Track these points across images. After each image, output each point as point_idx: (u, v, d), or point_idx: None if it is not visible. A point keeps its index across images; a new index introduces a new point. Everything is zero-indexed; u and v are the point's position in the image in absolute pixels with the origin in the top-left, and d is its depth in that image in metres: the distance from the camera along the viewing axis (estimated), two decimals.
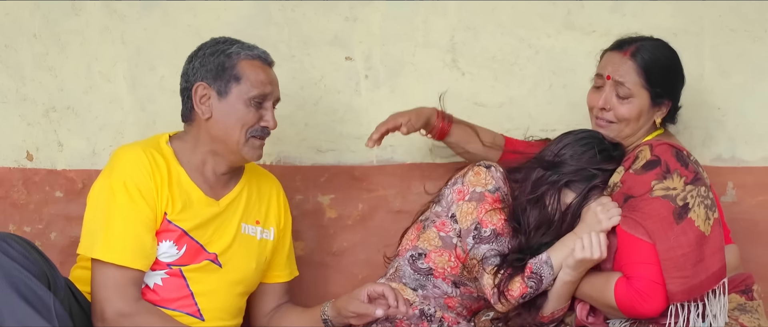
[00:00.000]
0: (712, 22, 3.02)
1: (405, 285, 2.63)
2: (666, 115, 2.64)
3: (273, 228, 2.69)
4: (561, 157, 2.54)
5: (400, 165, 3.07)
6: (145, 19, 3.02)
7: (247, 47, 2.52)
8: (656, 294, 2.37)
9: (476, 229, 2.53)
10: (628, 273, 2.40)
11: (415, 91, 3.06)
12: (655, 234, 2.38)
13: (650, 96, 2.59)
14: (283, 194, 2.76)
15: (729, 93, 3.04)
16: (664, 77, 2.60)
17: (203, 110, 2.49)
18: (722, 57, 3.03)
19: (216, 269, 2.53)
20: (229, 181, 2.60)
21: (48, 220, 2.97)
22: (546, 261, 2.47)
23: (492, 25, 3.05)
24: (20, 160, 2.99)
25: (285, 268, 2.74)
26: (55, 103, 3.01)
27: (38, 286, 2.13)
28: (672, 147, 2.50)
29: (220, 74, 2.48)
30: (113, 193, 2.40)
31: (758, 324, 2.48)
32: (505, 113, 3.04)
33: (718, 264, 2.41)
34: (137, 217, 2.41)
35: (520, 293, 2.47)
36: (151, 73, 3.02)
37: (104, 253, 2.37)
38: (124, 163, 2.45)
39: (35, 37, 2.99)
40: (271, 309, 2.72)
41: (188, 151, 2.53)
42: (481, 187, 2.57)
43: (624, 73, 2.58)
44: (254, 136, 2.51)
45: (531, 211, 2.52)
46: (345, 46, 3.06)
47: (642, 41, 2.62)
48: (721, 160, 3.04)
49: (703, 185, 2.45)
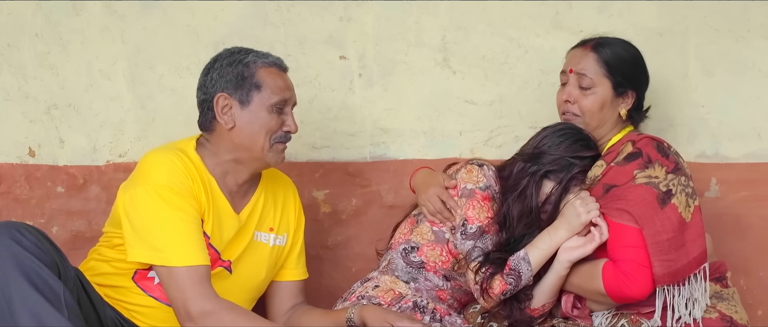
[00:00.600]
0: (697, 22, 3.03)
1: (397, 278, 2.65)
2: (632, 107, 2.64)
3: (286, 234, 2.68)
4: (540, 148, 2.56)
5: (392, 161, 3.08)
6: (145, 19, 3.01)
7: (262, 55, 2.52)
8: (642, 276, 2.39)
9: (463, 225, 2.56)
10: (615, 257, 2.43)
11: (407, 89, 3.08)
12: (642, 219, 2.41)
13: (612, 85, 2.60)
14: (298, 198, 2.75)
15: (713, 91, 3.04)
16: (625, 68, 2.61)
17: (226, 120, 2.47)
18: (706, 56, 3.04)
19: (227, 276, 2.53)
20: (247, 190, 2.59)
21: (50, 214, 2.97)
22: (523, 257, 2.49)
23: (482, 25, 3.05)
24: (23, 156, 2.98)
25: (296, 268, 2.72)
26: (57, 100, 3.00)
27: (49, 276, 2.13)
28: (653, 140, 2.53)
29: (240, 84, 2.47)
30: (162, 198, 2.37)
31: (736, 311, 2.52)
32: (495, 111, 3.06)
33: (699, 249, 2.44)
34: (190, 216, 2.40)
35: (501, 290, 2.49)
36: (151, 72, 3.02)
37: (177, 259, 2.35)
38: (161, 168, 2.42)
39: (37, 37, 2.99)
40: (287, 308, 2.70)
41: (212, 159, 2.52)
42: (472, 185, 2.58)
43: (585, 65, 2.61)
44: (278, 142, 2.51)
45: (513, 204, 2.53)
46: (339, 46, 3.06)
47: (605, 37, 2.67)
48: (705, 156, 3.05)
49: (684, 175, 2.47)
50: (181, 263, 2.34)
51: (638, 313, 2.48)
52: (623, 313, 2.50)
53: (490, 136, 3.09)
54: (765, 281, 3.04)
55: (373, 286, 2.65)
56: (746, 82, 3.04)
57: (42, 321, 2.08)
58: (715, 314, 2.49)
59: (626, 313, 2.49)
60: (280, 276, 2.70)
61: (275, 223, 2.65)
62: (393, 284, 2.64)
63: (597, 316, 2.53)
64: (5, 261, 2.11)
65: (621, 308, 2.50)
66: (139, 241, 2.38)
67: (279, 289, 2.70)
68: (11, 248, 2.12)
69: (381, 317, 2.46)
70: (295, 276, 2.72)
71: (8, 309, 2.09)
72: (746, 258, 3.02)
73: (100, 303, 2.41)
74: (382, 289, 2.63)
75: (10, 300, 2.09)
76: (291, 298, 2.71)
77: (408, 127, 3.09)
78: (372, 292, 2.63)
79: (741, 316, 2.52)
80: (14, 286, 2.10)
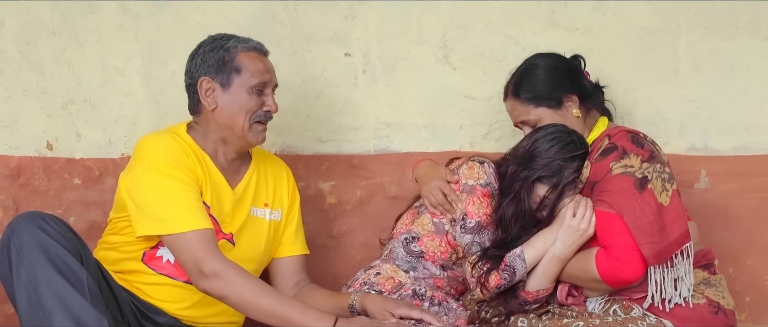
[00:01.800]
0: (688, 20, 3.03)
1: (398, 267, 2.66)
2: (581, 101, 2.66)
3: (281, 209, 2.71)
4: (532, 151, 2.55)
5: (395, 154, 3.08)
6: (157, 18, 3.02)
7: (242, 40, 2.56)
8: (634, 259, 2.40)
9: (463, 219, 2.56)
10: (606, 244, 2.45)
11: (409, 85, 3.08)
12: (621, 206, 2.43)
13: (548, 106, 2.65)
14: (291, 177, 2.78)
15: (703, 87, 3.04)
16: (545, 86, 2.66)
17: (209, 102, 2.54)
18: (697, 53, 3.04)
19: (230, 248, 2.57)
20: (239, 168, 2.64)
21: (67, 205, 2.98)
22: (519, 255, 2.49)
23: (482, 24, 3.04)
24: (41, 150, 2.99)
25: (294, 243, 2.74)
26: (74, 96, 3.01)
27: (73, 262, 2.17)
28: (628, 132, 2.55)
29: (221, 68, 2.52)
30: (160, 173, 2.42)
31: (722, 296, 2.54)
32: (493, 106, 3.04)
33: (680, 230, 2.45)
34: (189, 186, 2.44)
35: (495, 284, 2.50)
36: (163, 68, 3.03)
37: (182, 225, 2.38)
38: (156, 147, 2.47)
39: (54, 35, 2.99)
40: (292, 285, 2.72)
41: (202, 140, 2.58)
42: (473, 181, 2.58)
43: (519, 113, 2.68)
44: (257, 122, 2.55)
45: (508, 206, 2.53)
46: (344, 43, 3.06)
47: (516, 72, 2.71)
48: (695, 149, 3.05)
49: (659, 162, 2.48)
50: (188, 228, 2.38)
51: (630, 298, 2.50)
52: (615, 298, 2.52)
53: (489, 130, 3.10)
54: (752, 269, 3.06)
55: (375, 273, 2.67)
56: (735, 78, 3.04)
57: (66, 303, 2.13)
58: (703, 300, 2.50)
59: (618, 299, 2.51)
60: (280, 252, 2.74)
61: (269, 199, 2.69)
62: (393, 273, 2.66)
63: (591, 302, 2.55)
64: (32, 248, 2.16)
65: (614, 294, 2.52)
66: (143, 216, 2.42)
67: (281, 265, 2.74)
68: (37, 236, 2.17)
69: (381, 305, 2.48)
70: (295, 251, 2.74)
71: (35, 293, 2.14)
72: (734, 247, 3.04)
73: (118, 289, 2.45)
74: (383, 277, 2.64)
75: (37, 284, 2.14)
76: (294, 274, 2.73)
77: (410, 122, 3.09)
78: (374, 279, 2.64)
79: (728, 301, 2.54)
80: (40, 270, 2.15)
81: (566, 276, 2.55)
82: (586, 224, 2.46)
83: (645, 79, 3.05)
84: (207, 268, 2.35)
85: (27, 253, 2.16)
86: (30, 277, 2.15)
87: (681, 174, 2.88)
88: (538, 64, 2.71)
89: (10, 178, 2.96)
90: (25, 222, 2.21)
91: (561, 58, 2.74)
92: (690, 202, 2.84)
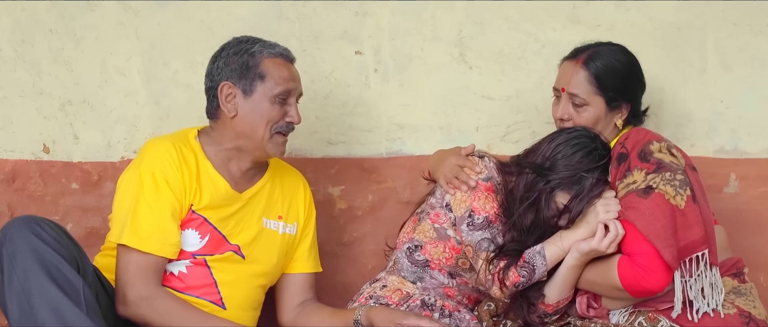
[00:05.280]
0: (715, 16, 3.03)
1: (404, 278, 2.65)
2: (627, 117, 2.67)
3: (296, 223, 2.70)
4: (553, 159, 2.53)
5: (408, 157, 3.08)
6: (159, 15, 3.02)
7: (269, 45, 2.55)
8: (658, 266, 2.38)
9: (470, 216, 2.55)
10: (629, 251, 2.42)
11: (423, 84, 3.09)
12: (631, 217, 2.42)
13: (605, 101, 2.63)
14: (308, 190, 2.78)
15: (731, 86, 3.04)
16: (618, 81, 2.64)
17: (229, 109, 2.51)
18: (725, 51, 3.04)
19: (239, 260, 2.56)
20: (253, 176, 2.62)
21: (64, 211, 2.98)
22: (539, 251, 2.48)
23: (499, 20, 3.05)
24: (37, 153, 3.00)
25: (307, 260, 2.73)
26: (71, 96, 3.01)
27: (69, 271, 2.16)
28: (639, 141, 2.52)
29: (244, 73, 2.50)
30: (142, 183, 2.43)
31: (754, 306, 2.52)
32: (512, 106, 3.06)
33: (699, 233, 2.43)
34: (164, 206, 2.44)
35: (513, 282, 2.48)
36: (165, 68, 3.03)
37: (130, 239, 2.40)
38: (153, 154, 2.48)
39: (51, 33, 3.00)
40: (297, 304, 2.71)
41: (214, 146, 2.56)
42: (474, 176, 2.58)
43: (576, 84, 2.64)
44: (278, 132, 2.54)
45: (525, 213, 2.52)
46: (354, 41, 3.07)
47: (596, 47, 2.68)
48: (724, 151, 3.04)
49: (669, 170, 2.45)
50: (134, 245, 2.39)
51: (656, 310, 2.47)
52: (640, 310, 2.49)
53: (507, 131, 3.10)
54: None
55: (381, 286, 2.66)
56: (765, 76, 3.05)
57: (61, 315, 2.11)
58: (734, 310, 2.48)
59: (644, 311, 2.49)
60: (291, 268, 2.72)
61: (284, 211, 2.67)
62: (400, 284, 2.65)
63: (614, 315, 2.53)
64: (25, 255, 2.14)
65: (638, 305, 2.50)
66: (113, 218, 2.47)
67: (290, 282, 2.72)
68: (31, 242, 2.15)
69: (387, 317, 2.47)
70: (307, 268, 2.73)
71: (27, 303, 2.12)
72: (765, 254, 3.02)
73: None
74: (389, 289, 2.64)
75: (29, 294, 2.11)
76: (301, 293, 2.72)
77: (424, 123, 3.10)
78: (380, 292, 2.64)
79: (759, 311, 2.52)
80: (34, 279, 2.12)
81: (585, 282, 2.53)
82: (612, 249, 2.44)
83: (671, 77, 3.06)
84: (131, 294, 2.38)
85: (20, 260, 2.15)
86: (22, 286, 2.13)
87: (709, 178, 2.88)
88: (620, 56, 2.67)
89: (4, 182, 2.97)
90: (19, 227, 2.19)
91: (639, 66, 2.72)
92: (719, 208, 2.81)
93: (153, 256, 2.41)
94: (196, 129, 2.61)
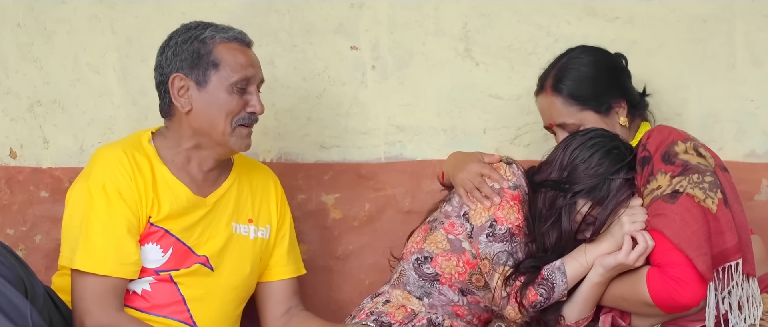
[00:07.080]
0: (744, 7, 2.96)
1: (410, 292, 2.59)
2: (628, 110, 2.67)
3: (269, 225, 2.66)
4: (571, 164, 2.50)
5: (409, 162, 3.05)
6: (137, 7, 3.01)
7: (221, 29, 2.48)
8: (691, 278, 2.31)
9: (491, 226, 2.49)
10: (659, 262, 2.36)
11: (425, 82, 3.06)
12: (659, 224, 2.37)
13: (595, 111, 2.65)
14: (279, 187, 2.73)
15: (763, 83, 2.98)
16: (595, 86, 2.65)
17: (182, 103, 2.45)
18: (755, 44, 2.97)
19: (208, 273, 2.51)
20: (217, 178, 2.57)
21: (33, 221, 2.99)
22: (559, 267, 2.44)
23: (508, 12, 3.01)
24: (3, 158, 3.01)
25: (287, 264, 2.69)
26: (41, 96, 3.02)
27: (13, 294, 2.08)
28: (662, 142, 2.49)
29: (196, 62, 2.44)
30: (92, 198, 2.38)
31: None
32: (523, 107, 3.00)
33: (732, 241, 2.37)
34: (118, 223, 2.39)
35: (530, 301, 2.43)
36: (143, 65, 2.99)
37: (84, 263, 2.35)
38: (103, 165, 2.43)
39: (19, 27, 3.01)
40: (281, 314, 2.68)
41: (171, 148, 2.51)
42: (498, 185, 2.53)
43: (559, 114, 2.67)
44: (241, 125, 2.47)
45: (549, 232, 2.49)
46: (350, 35, 3.04)
47: (556, 65, 2.70)
48: (755, 155, 2.99)
49: (697, 172, 2.41)
50: (88, 269, 2.35)
51: None
52: None
53: (517, 134, 3.06)
54: None
55: (384, 301, 2.61)
56: None
57: None
58: None
59: None
60: (269, 275, 2.69)
61: (254, 214, 2.63)
62: (405, 300, 2.59)
63: None
64: None
65: (668, 323, 2.43)
66: (63, 239, 2.42)
67: (270, 291, 2.69)
68: None
69: None
70: (287, 273, 2.70)
71: None
72: None
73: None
74: (393, 305, 2.58)
75: None
76: (285, 301, 2.69)
77: (426, 125, 3.06)
78: (382, 308, 2.58)
79: None
80: None
81: (611, 298, 2.47)
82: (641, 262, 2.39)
83: (696, 74, 3.01)
84: (89, 323, 2.32)
85: None
86: None
87: (739, 183, 2.73)
88: (584, 58, 2.70)
89: None
90: None
91: (610, 56, 2.73)
92: (750, 216, 2.64)
93: (110, 278, 2.35)
94: (150, 131, 2.55)
